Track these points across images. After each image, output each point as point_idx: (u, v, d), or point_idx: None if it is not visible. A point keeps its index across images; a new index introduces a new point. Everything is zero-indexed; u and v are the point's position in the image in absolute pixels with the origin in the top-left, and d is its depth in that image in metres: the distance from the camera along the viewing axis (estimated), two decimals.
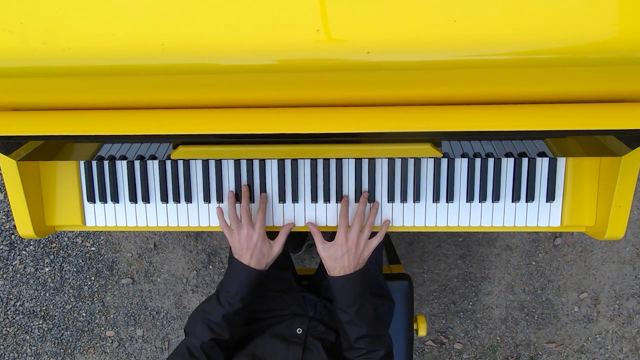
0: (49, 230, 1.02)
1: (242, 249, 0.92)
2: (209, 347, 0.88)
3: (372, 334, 0.90)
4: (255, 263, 0.92)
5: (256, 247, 0.91)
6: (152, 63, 0.65)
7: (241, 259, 0.92)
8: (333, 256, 0.91)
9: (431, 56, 0.63)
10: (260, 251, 0.92)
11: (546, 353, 1.94)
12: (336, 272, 0.91)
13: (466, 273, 1.93)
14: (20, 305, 1.98)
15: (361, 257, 0.92)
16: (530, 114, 0.72)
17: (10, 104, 0.77)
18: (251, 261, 0.91)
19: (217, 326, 0.89)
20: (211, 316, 0.90)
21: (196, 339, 0.88)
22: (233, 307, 0.90)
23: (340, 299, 0.91)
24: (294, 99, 0.74)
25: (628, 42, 0.60)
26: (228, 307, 0.90)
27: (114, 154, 0.92)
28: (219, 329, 0.89)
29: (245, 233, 0.92)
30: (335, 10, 0.62)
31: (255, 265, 0.92)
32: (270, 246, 0.94)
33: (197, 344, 0.88)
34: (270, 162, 0.98)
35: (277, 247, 0.95)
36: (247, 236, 0.92)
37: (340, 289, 0.91)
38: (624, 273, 1.88)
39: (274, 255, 0.95)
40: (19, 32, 0.63)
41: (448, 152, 0.89)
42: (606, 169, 0.91)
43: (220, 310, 0.89)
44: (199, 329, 0.89)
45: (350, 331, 0.90)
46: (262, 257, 0.93)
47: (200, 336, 0.88)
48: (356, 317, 0.89)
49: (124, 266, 1.95)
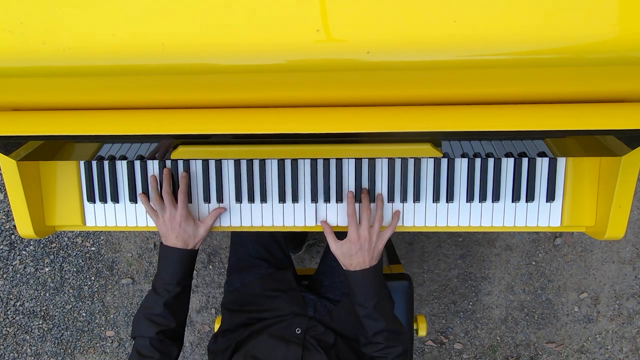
0: (49, 230, 1.02)
1: (168, 230, 0.93)
2: (158, 341, 0.89)
3: (390, 329, 0.91)
4: (182, 244, 0.92)
5: (180, 226, 0.92)
6: (152, 63, 0.65)
7: (167, 242, 0.93)
8: (347, 253, 0.92)
9: (431, 56, 0.63)
10: (184, 231, 0.93)
11: (546, 353, 1.94)
12: (353, 267, 0.92)
13: (466, 273, 1.93)
14: (20, 305, 1.98)
15: (375, 250, 0.92)
16: (530, 114, 0.72)
17: (10, 104, 0.77)
18: (177, 242, 0.92)
19: (160, 318, 0.90)
20: (152, 309, 0.90)
21: (143, 339, 0.89)
22: (171, 292, 0.91)
23: (358, 293, 0.91)
24: (294, 99, 0.74)
25: (628, 42, 0.60)
26: (166, 294, 0.91)
27: (114, 154, 0.92)
28: (163, 319, 0.90)
29: (168, 214, 0.93)
30: (335, 10, 0.62)
31: (182, 246, 0.92)
32: (196, 226, 0.95)
33: (146, 342, 0.89)
34: (270, 162, 0.98)
35: (203, 228, 0.95)
36: (170, 217, 0.93)
37: (358, 283, 0.91)
38: (624, 273, 1.89)
39: (201, 236, 0.95)
40: (19, 32, 0.63)
41: (448, 152, 0.89)
42: (606, 169, 0.91)
43: (159, 300, 0.90)
44: (143, 327, 0.90)
45: (369, 325, 0.91)
46: (188, 237, 0.93)
47: (146, 333, 0.89)
48: (374, 311, 0.90)
49: (124, 266, 1.95)
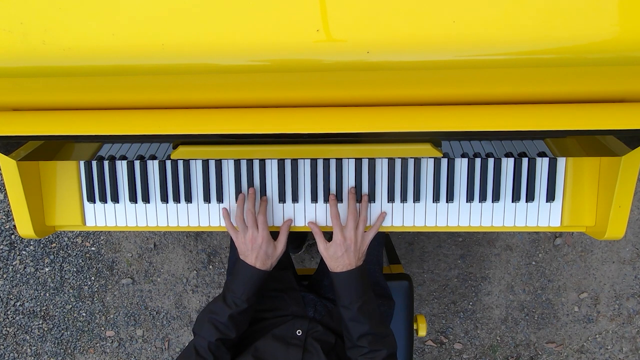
0: (49, 230, 1.02)
1: (248, 250, 0.94)
2: (215, 347, 0.90)
3: (374, 333, 0.90)
4: (260, 264, 0.94)
5: (261, 248, 0.93)
6: (152, 63, 0.65)
7: (246, 260, 0.94)
8: (334, 255, 0.93)
9: (431, 56, 0.63)
10: (265, 252, 0.94)
11: (546, 353, 1.94)
12: (338, 269, 0.92)
13: (466, 273, 1.93)
14: (20, 305, 1.98)
15: (360, 251, 0.93)
16: (530, 114, 0.72)
17: (10, 104, 0.77)
18: (256, 262, 0.93)
19: (223, 326, 0.91)
20: (218, 316, 0.92)
21: (203, 340, 0.91)
22: (239, 307, 0.92)
23: (343, 295, 0.92)
24: (294, 99, 0.74)
25: (628, 42, 0.60)
26: (234, 307, 0.92)
27: (114, 154, 0.92)
28: (225, 328, 0.91)
29: (250, 235, 0.94)
30: (335, 10, 0.62)
31: (260, 266, 0.94)
32: (275, 247, 0.96)
33: (205, 344, 0.90)
34: (270, 162, 0.98)
35: (280, 247, 0.97)
36: (252, 238, 0.94)
37: (342, 284, 0.92)
38: (624, 273, 1.88)
39: (278, 255, 0.96)
40: (19, 32, 0.63)
41: (448, 152, 0.89)
42: (606, 169, 0.91)
43: (226, 311, 0.91)
44: (205, 329, 0.91)
45: (353, 329, 0.91)
46: (267, 258, 0.94)
47: (207, 336, 0.91)
48: (358, 313, 0.90)
49: (124, 266, 1.95)
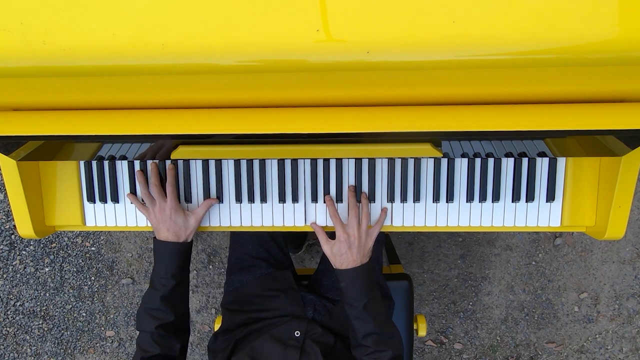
0: (49, 230, 1.02)
1: (159, 223, 0.94)
2: (158, 336, 0.91)
3: (380, 332, 0.89)
4: (173, 236, 0.93)
5: (170, 218, 0.93)
6: (152, 63, 0.65)
7: (160, 236, 0.94)
8: (338, 253, 0.92)
9: (431, 56, 0.63)
10: (175, 222, 0.93)
11: (546, 353, 1.94)
12: (343, 266, 0.91)
13: (466, 273, 1.93)
14: (20, 305, 1.98)
15: (365, 247, 0.92)
16: (530, 114, 0.72)
17: (10, 104, 0.77)
18: (168, 235, 0.93)
19: (158, 312, 0.92)
20: (150, 304, 0.92)
21: (144, 333, 0.92)
22: (167, 286, 0.92)
23: (348, 292, 0.91)
24: (294, 99, 0.74)
25: (628, 42, 0.60)
26: (162, 288, 0.92)
27: (114, 154, 0.92)
28: (161, 313, 0.92)
29: (158, 207, 0.94)
30: (335, 10, 0.62)
31: (174, 238, 0.93)
32: (186, 217, 0.95)
33: (147, 337, 0.91)
34: (270, 162, 0.98)
35: (193, 219, 0.96)
36: (160, 209, 0.94)
37: (348, 282, 0.91)
38: (624, 273, 1.89)
39: (192, 227, 0.96)
40: (19, 32, 0.63)
41: (448, 152, 0.89)
42: (606, 169, 0.91)
43: (156, 294, 0.92)
44: (143, 322, 0.92)
45: (358, 327, 0.90)
46: (179, 228, 0.94)
47: (147, 328, 0.91)
48: (363, 311, 0.89)
49: (124, 266, 1.95)
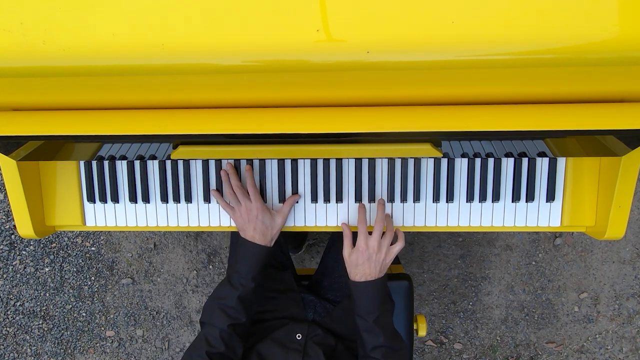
0: (49, 230, 1.02)
1: (245, 223, 0.92)
2: (227, 334, 0.88)
3: (388, 345, 0.88)
4: (260, 236, 0.92)
5: (257, 218, 0.92)
6: (152, 63, 0.65)
7: (246, 236, 0.92)
8: (355, 262, 0.90)
9: (431, 56, 0.63)
10: (262, 222, 0.92)
11: (546, 353, 1.94)
12: (357, 278, 0.90)
13: (466, 273, 1.93)
14: (20, 305, 1.98)
15: (383, 263, 0.90)
16: (530, 114, 0.72)
17: (10, 104, 0.77)
18: (255, 235, 0.92)
19: (233, 310, 0.89)
20: (226, 301, 0.89)
21: (214, 328, 0.88)
22: (246, 287, 0.90)
23: (360, 305, 0.90)
24: (294, 99, 0.74)
25: (628, 42, 0.60)
26: (241, 288, 0.90)
27: (114, 154, 0.92)
28: (236, 312, 0.89)
29: (244, 207, 0.92)
30: (335, 10, 0.62)
31: (260, 239, 0.92)
32: (272, 216, 0.94)
33: (216, 332, 0.87)
34: (270, 162, 0.98)
35: (280, 218, 0.95)
36: (246, 210, 0.92)
37: (360, 295, 0.90)
38: (624, 273, 1.88)
39: (278, 226, 0.94)
40: (19, 32, 0.63)
41: (448, 152, 0.89)
42: (606, 169, 0.91)
43: (234, 293, 0.89)
44: (215, 316, 0.89)
45: (367, 339, 0.89)
46: (265, 228, 0.92)
47: (218, 324, 0.88)
48: (374, 325, 0.88)
49: (124, 266, 1.95)
